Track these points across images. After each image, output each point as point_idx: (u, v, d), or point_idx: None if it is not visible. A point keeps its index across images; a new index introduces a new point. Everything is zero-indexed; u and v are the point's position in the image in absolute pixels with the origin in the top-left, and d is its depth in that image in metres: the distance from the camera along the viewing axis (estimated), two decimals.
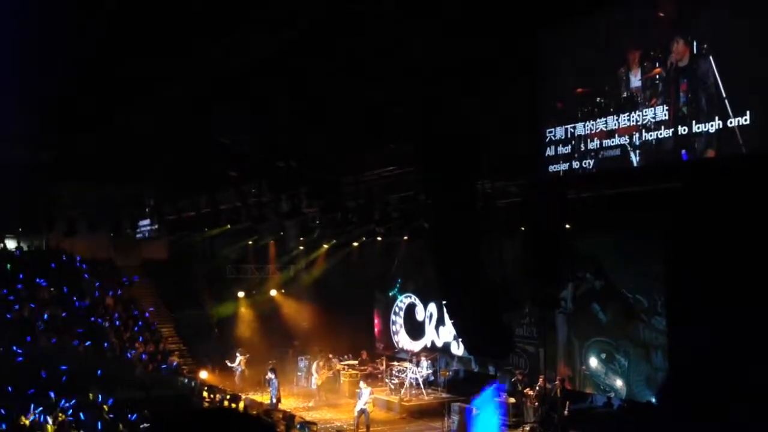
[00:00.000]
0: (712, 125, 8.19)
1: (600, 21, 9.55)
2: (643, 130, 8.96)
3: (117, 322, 24.26)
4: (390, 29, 9.67)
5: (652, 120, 8.88)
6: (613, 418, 16.73)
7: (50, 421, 16.01)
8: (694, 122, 8.40)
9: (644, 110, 8.97)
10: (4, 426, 15.80)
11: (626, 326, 16.69)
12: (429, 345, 23.10)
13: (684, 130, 8.49)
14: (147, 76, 11.28)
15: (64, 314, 23.43)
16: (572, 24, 9.85)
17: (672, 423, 14.93)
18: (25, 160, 16.95)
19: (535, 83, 10.47)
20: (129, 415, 16.26)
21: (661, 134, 8.76)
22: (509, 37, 9.92)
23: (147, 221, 23.11)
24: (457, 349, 21.56)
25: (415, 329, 23.76)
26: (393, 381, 20.91)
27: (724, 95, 8.06)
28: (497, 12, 9.22)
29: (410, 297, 24.12)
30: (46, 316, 23.07)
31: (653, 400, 16.03)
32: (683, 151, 8.53)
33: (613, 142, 9.36)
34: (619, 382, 16.91)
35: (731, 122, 7.97)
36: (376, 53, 10.40)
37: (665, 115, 8.73)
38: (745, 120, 7.85)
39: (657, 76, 8.82)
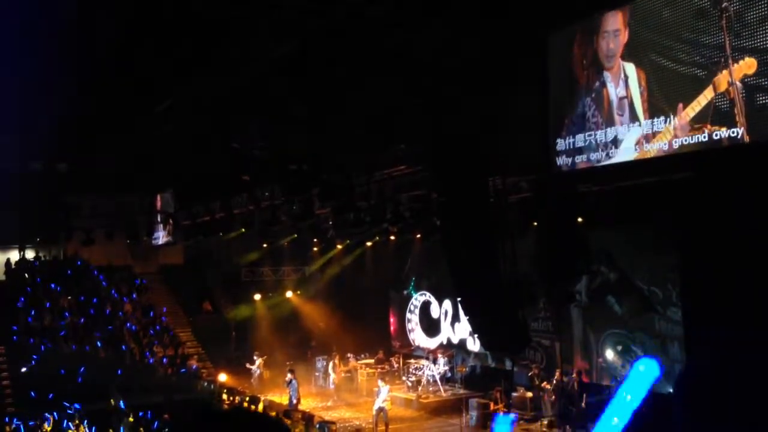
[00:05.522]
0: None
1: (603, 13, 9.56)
2: (654, 120, 8.98)
3: (135, 328, 24.53)
4: (399, 30, 9.76)
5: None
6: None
7: (72, 427, 16.25)
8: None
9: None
10: None
11: (642, 318, 16.70)
12: (445, 342, 23.18)
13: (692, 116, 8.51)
14: (162, 83, 11.45)
15: (82, 321, 23.71)
16: (579, 18, 9.89)
17: (690, 414, 14.90)
18: (43, 172, 17.19)
19: (543, 77, 10.48)
20: (150, 420, 16.47)
21: (671, 123, 8.78)
22: (517, 34, 9.98)
23: (161, 228, 23.35)
24: (473, 345, 21.62)
25: (431, 327, 23.85)
26: (410, 378, 21.03)
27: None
28: (506, 10, 9.29)
29: (425, 295, 24.21)
30: (64, 323, 23.37)
31: (671, 391, 16.01)
32: (694, 139, 8.54)
33: (623, 132, 9.39)
34: None
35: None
36: (386, 54, 10.49)
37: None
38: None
39: None
